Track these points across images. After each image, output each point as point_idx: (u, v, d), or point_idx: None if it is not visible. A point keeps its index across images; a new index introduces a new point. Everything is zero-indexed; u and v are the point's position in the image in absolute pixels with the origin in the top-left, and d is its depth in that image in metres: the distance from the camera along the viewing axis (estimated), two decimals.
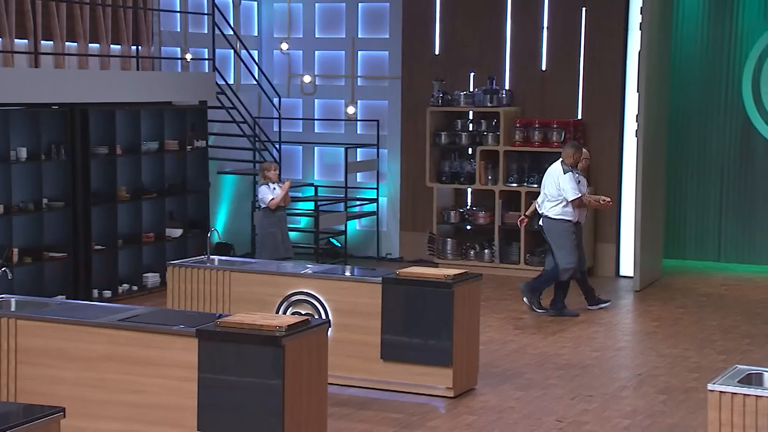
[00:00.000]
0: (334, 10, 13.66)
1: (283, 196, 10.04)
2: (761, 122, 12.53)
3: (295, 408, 5.84)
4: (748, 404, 5.03)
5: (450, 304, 7.45)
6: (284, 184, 10.19)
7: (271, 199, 9.95)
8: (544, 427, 6.96)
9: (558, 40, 12.42)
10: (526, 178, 12.27)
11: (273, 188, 10.05)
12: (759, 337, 9.40)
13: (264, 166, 10.22)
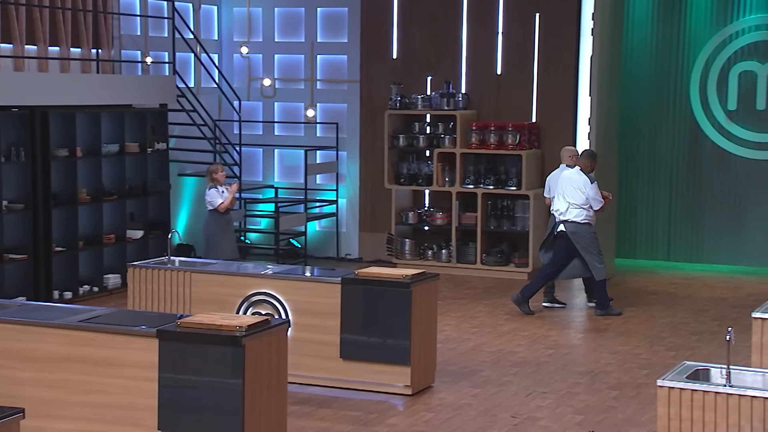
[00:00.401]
0: (293, 15, 13.63)
1: (231, 200, 10.04)
2: (708, 125, 12.70)
3: (256, 407, 5.82)
4: (695, 399, 5.10)
5: (408, 304, 7.46)
6: (231, 187, 10.18)
7: (221, 202, 9.93)
8: (500, 424, 6.99)
9: (512, 45, 12.49)
10: (482, 180, 12.33)
11: (222, 191, 10.04)
12: (706, 333, 9.51)
13: (211, 168, 10.16)
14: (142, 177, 11.69)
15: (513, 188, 12.14)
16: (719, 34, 12.58)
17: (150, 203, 11.83)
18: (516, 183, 12.13)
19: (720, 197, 12.67)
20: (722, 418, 5.05)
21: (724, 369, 5.21)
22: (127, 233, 11.45)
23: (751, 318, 6.53)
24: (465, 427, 6.92)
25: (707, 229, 12.78)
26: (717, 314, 10.30)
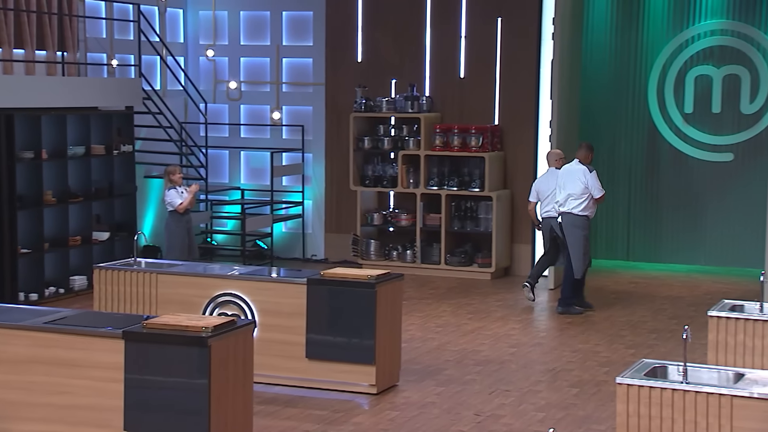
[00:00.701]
0: (258, 19, 13.59)
1: (191, 200, 10.01)
2: (666, 128, 12.82)
3: (222, 407, 5.80)
4: (653, 396, 5.14)
5: (373, 304, 7.47)
6: (191, 187, 10.16)
7: (180, 203, 9.91)
8: (464, 421, 7.01)
9: (475, 48, 12.54)
10: (446, 182, 12.36)
11: (181, 192, 10.03)
12: (664, 332, 9.60)
13: (169, 169, 10.14)
14: (108, 179, 11.61)
15: (476, 190, 12.19)
16: (676, 39, 12.71)
17: (116, 205, 11.75)
18: (479, 184, 12.18)
19: (677, 198, 12.80)
20: (679, 414, 5.10)
21: (681, 366, 5.27)
22: (93, 235, 11.36)
23: (707, 316, 6.61)
24: (429, 425, 6.93)
25: (665, 229, 12.90)
26: (674, 313, 10.40)
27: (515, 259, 12.49)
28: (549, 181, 10.55)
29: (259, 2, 13.55)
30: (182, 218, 10.03)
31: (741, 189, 12.51)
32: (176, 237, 10.00)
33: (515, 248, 12.48)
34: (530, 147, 12.36)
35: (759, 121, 12.38)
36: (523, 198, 12.39)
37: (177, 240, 10.01)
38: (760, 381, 5.21)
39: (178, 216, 10.00)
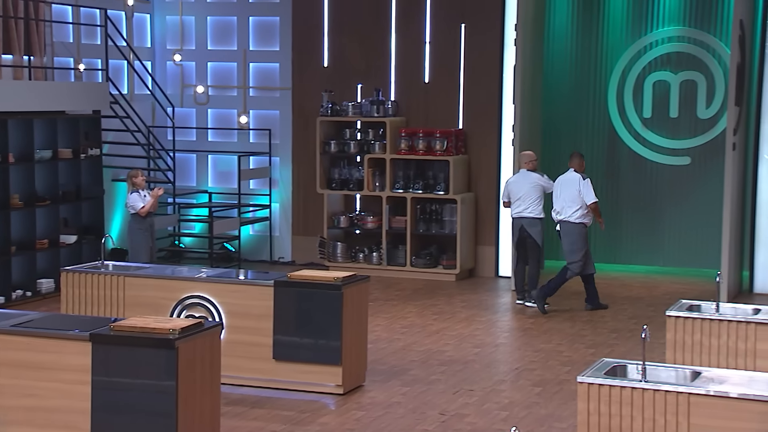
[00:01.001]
0: (225, 23, 13.54)
1: (153, 203, 10.00)
2: (625, 132, 12.93)
3: (189, 408, 5.77)
4: (613, 394, 5.19)
5: (339, 305, 7.46)
6: (154, 191, 10.15)
7: (142, 206, 9.91)
8: (428, 421, 7.03)
9: (439, 54, 12.58)
10: (411, 185, 12.39)
11: (144, 195, 10.02)
12: (624, 331, 9.68)
13: (132, 173, 10.15)
14: (76, 182, 11.51)
15: (441, 193, 12.22)
16: (635, 46, 12.83)
17: (83, 208, 11.66)
18: (444, 188, 12.22)
19: (636, 201, 12.91)
20: (638, 412, 5.15)
21: (640, 365, 5.31)
22: (61, 238, 11.26)
23: (665, 316, 6.67)
24: (394, 425, 6.94)
25: (625, 231, 13.00)
26: (634, 313, 10.49)
27: (479, 261, 12.54)
28: (520, 183, 10.62)
29: (226, 7, 13.50)
30: (144, 221, 10.01)
31: (698, 192, 12.65)
32: (139, 240, 9.98)
33: (479, 250, 12.53)
34: (494, 150, 12.42)
35: (715, 126, 12.52)
36: (487, 200, 12.46)
37: (140, 242, 9.99)
38: (717, 379, 5.27)
39: (141, 219, 9.99)
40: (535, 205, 10.51)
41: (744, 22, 11.02)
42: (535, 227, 10.50)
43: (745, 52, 11.20)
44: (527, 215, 10.53)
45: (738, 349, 6.42)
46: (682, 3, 12.60)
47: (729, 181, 10.82)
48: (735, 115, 10.89)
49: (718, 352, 6.47)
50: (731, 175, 10.83)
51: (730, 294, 10.92)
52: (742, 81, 11.11)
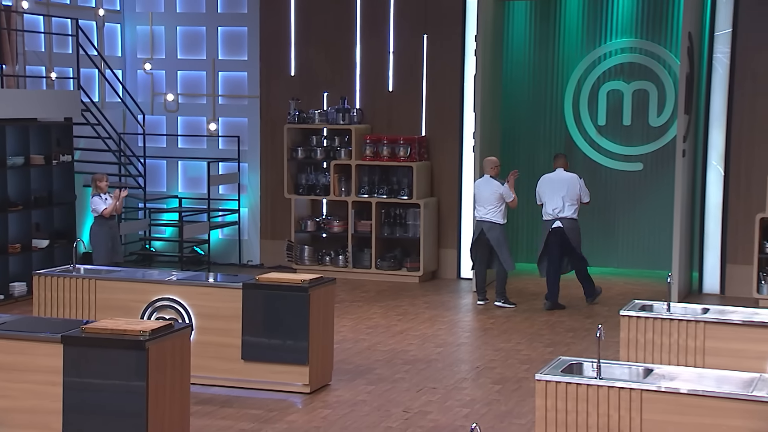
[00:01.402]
0: (195, 33, 13.47)
1: (116, 205, 10.08)
2: (581, 139, 13.03)
3: (159, 408, 5.73)
4: (569, 391, 5.22)
5: (306, 307, 7.45)
6: (116, 193, 10.22)
7: (104, 208, 9.99)
8: (393, 418, 7.03)
9: (403, 63, 12.60)
10: (376, 190, 12.39)
11: (105, 198, 10.10)
12: (580, 330, 9.75)
13: (96, 177, 10.24)
14: (48, 188, 11.40)
15: (405, 197, 12.24)
16: (589, 56, 12.93)
17: (55, 213, 11.54)
18: (407, 192, 12.24)
19: (592, 205, 12.95)
20: (593, 408, 5.19)
21: (595, 363, 5.35)
22: (33, 242, 11.14)
23: (619, 316, 6.73)
24: (360, 422, 6.94)
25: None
26: (590, 313, 10.56)
27: (442, 263, 12.57)
28: (482, 187, 10.69)
29: (195, 18, 13.43)
30: (106, 223, 10.09)
31: (650, 196, 12.77)
32: (100, 241, 10.04)
33: (442, 253, 12.56)
34: (455, 157, 12.46)
35: (666, 133, 12.66)
36: (449, 205, 12.50)
37: (101, 244, 10.05)
38: (668, 376, 5.33)
39: (103, 221, 10.06)
40: (495, 212, 10.56)
41: (692, 34, 11.16)
42: (494, 231, 10.57)
43: (694, 62, 11.34)
44: (488, 219, 10.60)
45: (688, 347, 6.50)
46: (634, 15, 12.73)
47: (679, 187, 10.94)
48: (685, 123, 11.02)
49: (669, 350, 6.53)
50: (681, 180, 10.95)
51: (681, 294, 11.04)
52: (691, 90, 11.25)
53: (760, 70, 11.25)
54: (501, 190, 10.58)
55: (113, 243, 10.19)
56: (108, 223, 10.11)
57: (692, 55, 11.22)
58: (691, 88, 11.27)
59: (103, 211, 10.02)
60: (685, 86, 10.94)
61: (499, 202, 10.59)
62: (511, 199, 10.62)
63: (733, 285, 11.34)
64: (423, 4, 12.44)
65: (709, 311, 6.72)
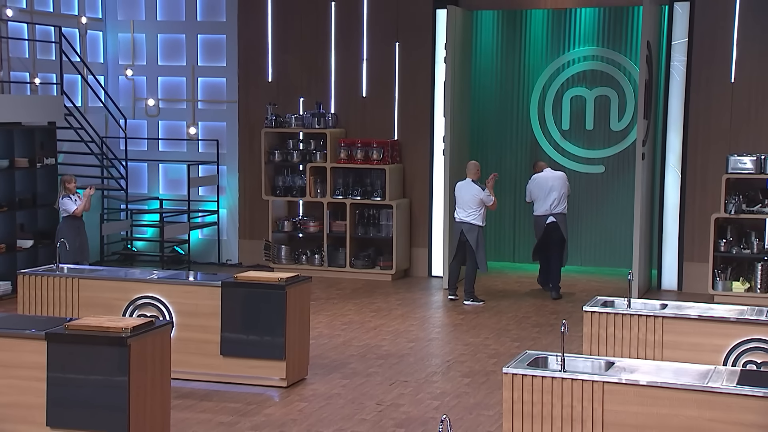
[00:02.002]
0: (175, 41, 13.40)
1: (86, 203, 10.11)
2: (546, 143, 13.09)
3: (140, 402, 5.69)
4: (535, 384, 5.25)
5: (283, 304, 7.43)
6: (86, 191, 10.20)
7: (75, 208, 10.01)
8: (367, 410, 7.03)
9: (376, 70, 12.61)
10: (350, 192, 12.38)
11: (74, 199, 10.09)
12: (546, 326, 9.79)
13: (65, 178, 10.21)
14: (32, 190, 11.29)
15: (378, 199, 12.24)
16: (554, 64, 13.00)
17: (39, 215, 11.43)
18: (381, 194, 12.24)
19: None
20: (558, 399, 5.22)
21: (560, 357, 5.38)
22: (18, 243, 11.04)
23: (582, 312, 6.77)
24: (335, 415, 6.93)
25: None
26: (555, 309, 10.61)
27: (414, 262, 12.59)
28: (462, 190, 10.64)
29: (175, 26, 13.36)
30: (74, 222, 10.08)
31: (611, 198, 12.86)
32: (67, 240, 9.86)
33: (414, 252, 12.58)
34: (426, 159, 12.48)
35: (626, 137, 12.75)
36: (420, 206, 12.51)
37: (74, 242, 9.96)
38: (628, 368, 5.37)
39: (71, 221, 10.05)
40: (475, 215, 10.55)
41: (651, 43, 11.25)
42: (473, 233, 10.57)
43: (652, 70, 11.44)
44: (467, 221, 10.58)
45: (647, 341, 6.55)
46: (596, 25, 12.81)
47: (639, 188, 11.03)
48: (644, 127, 11.11)
49: (629, 344, 6.58)
50: (641, 182, 11.04)
51: (640, 291, 11.13)
52: (649, 96, 11.34)
53: (713, 78, 11.37)
54: (481, 195, 10.54)
55: (80, 242, 10.15)
56: (76, 222, 10.09)
57: (651, 63, 11.32)
58: (650, 95, 11.36)
59: (75, 210, 10.01)
60: (644, 92, 11.02)
61: (479, 206, 10.57)
62: (491, 203, 10.62)
63: (690, 282, 11.44)
64: (395, 14, 12.45)
65: (667, 307, 6.77)
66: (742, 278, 10.84)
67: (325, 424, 6.74)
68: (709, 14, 11.32)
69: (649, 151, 11.53)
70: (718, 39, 11.31)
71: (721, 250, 10.83)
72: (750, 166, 10.67)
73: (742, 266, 10.94)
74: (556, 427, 5.20)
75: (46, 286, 7.89)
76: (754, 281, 10.70)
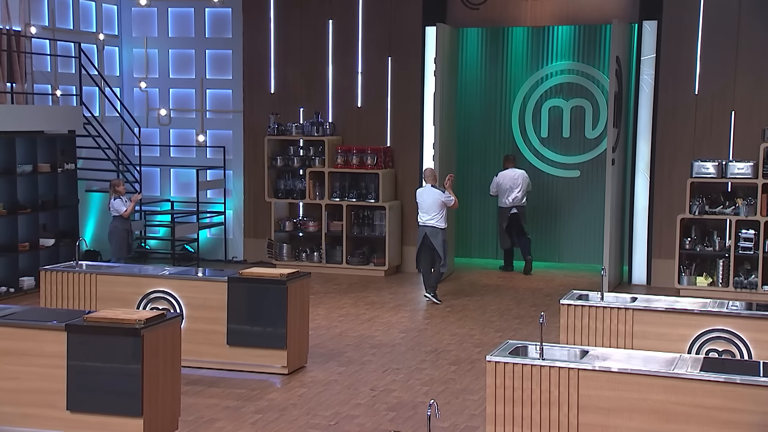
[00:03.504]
0: (185, 55, 13.38)
1: (133, 207, 10.39)
2: (526, 149, 13.10)
3: (153, 388, 5.68)
4: (516, 371, 5.25)
5: (284, 298, 7.42)
6: (134, 196, 10.52)
7: (125, 209, 10.18)
8: (361, 395, 7.03)
9: (370, 82, 12.60)
10: (346, 194, 12.38)
11: (125, 201, 10.29)
12: (526, 317, 9.80)
13: (114, 182, 10.46)
14: (53, 193, 11.27)
15: (372, 201, 12.24)
16: (533, 76, 13.01)
17: (60, 215, 11.41)
18: (375, 196, 12.24)
19: (537, 207, 13.08)
20: (537, 385, 5.22)
21: (538, 346, 5.39)
22: (40, 241, 11.01)
23: (560, 304, 6.78)
24: (332, 399, 6.92)
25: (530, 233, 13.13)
26: (534, 302, 10.62)
27: (405, 259, 12.58)
28: (424, 195, 10.40)
29: (185, 41, 13.34)
30: (125, 222, 10.27)
31: (586, 200, 12.88)
32: (119, 237, 10.22)
33: (405, 249, 12.57)
34: (416, 164, 12.48)
35: (600, 144, 12.76)
36: (411, 207, 12.48)
37: (120, 240, 10.20)
38: (601, 356, 5.38)
39: (121, 221, 10.21)
40: (438, 217, 10.28)
41: (620, 58, 11.27)
42: (436, 237, 10.28)
43: (622, 82, 11.46)
44: (431, 225, 10.31)
45: (619, 331, 6.56)
46: (571, 41, 12.83)
47: (609, 191, 11.05)
48: (614, 135, 11.13)
49: (602, 334, 6.59)
50: (611, 185, 11.06)
51: (612, 285, 11.15)
52: (619, 107, 11.36)
53: (679, 90, 11.39)
54: (442, 197, 10.27)
55: (129, 239, 10.37)
56: (126, 222, 10.29)
57: (620, 76, 11.33)
58: (620, 105, 11.38)
59: (124, 212, 10.15)
60: (613, 103, 11.04)
61: (441, 209, 10.28)
62: (452, 203, 10.30)
63: (658, 277, 11.47)
64: (387, 31, 12.45)
65: (637, 300, 6.79)
66: (706, 274, 10.86)
67: (324, 407, 6.73)
68: (675, 32, 11.35)
69: (620, 156, 11.55)
70: (683, 55, 11.34)
71: (686, 248, 10.85)
72: (712, 170, 10.70)
73: (706, 263, 10.97)
74: (535, 411, 5.21)
75: (66, 282, 7.87)
76: (716, 276, 10.73)
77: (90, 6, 12.88)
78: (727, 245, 10.76)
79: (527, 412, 5.22)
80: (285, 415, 6.57)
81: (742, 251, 10.59)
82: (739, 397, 4.88)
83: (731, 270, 10.60)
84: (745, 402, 4.87)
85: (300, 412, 6.62)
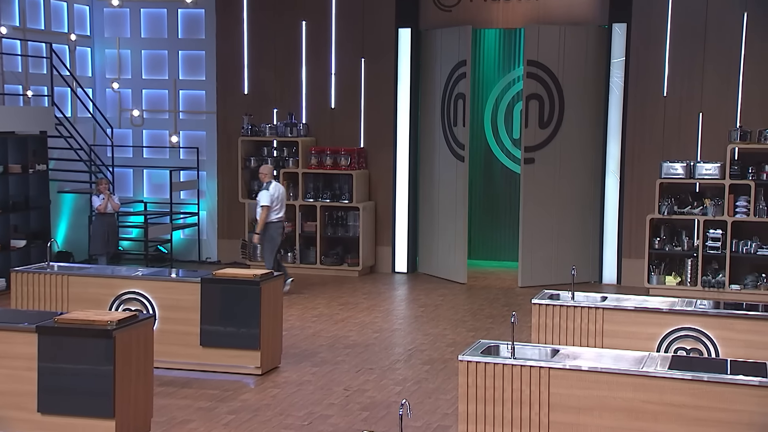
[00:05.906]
0: (158, 56, 13.27)
1: (106, 203, 10.75)
2: (498, 150, 13.16)
3: (125, 390, 5.63)
4: (488, 370, 5.27)
5: (258, 298, 7.39)
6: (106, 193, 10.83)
7: (98, 205, 10.62)
8: (335, 395, 7.01)
9: (344, 83, 12.59)
10: (320, 195, 12.35)
11: (101, 198, 10.69)
12: (498, 317, 9.83)
13: (97, 181, 10.93)
14: (25, 194, 11.13)
15: (346, 201, 12.22)
16: (504, 79, 13.07)
17: (32, 216, 11.27)
18: (348, 197, 12.22)
19: (509, 208, 13.14)
20: (508, 384, 5.24)
21: (510, 345, 5.41)
22: (11, 242, 10.88)
23: (531, 304, 6.81)
24: (306, 400, 6.90)
25: (500, 231, 13.21)
26: (507, 301, 10.66)
27: (378, 259, 12.58)
28: (281, 191, 10.56)
29: (158, 42, 13.24)
30: (103, 218, 10.69)
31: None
32: (96, 232, 10.69)
33: (378, 250, 12.57)
34: (390, 165, 12.48)
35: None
36: (384, 208, 12.51)
37: (97, 235, 10.65)
38: (572, 355, 5.40)
39: (100, 216, 10.71)
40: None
41: (540, 61, 11.32)
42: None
43: (550, 86, 11.52)
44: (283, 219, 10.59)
45: (589, 330, 6.60)
46: None
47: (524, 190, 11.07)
48: (535, 136, 11.15)
49: (573, 333, 6.63)
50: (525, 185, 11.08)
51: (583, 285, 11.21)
52: (552, 110, 11.41)
53: (648, 92, 11.50)
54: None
55: (109, 235, 10.69)
56: (103, 217, 10.67)
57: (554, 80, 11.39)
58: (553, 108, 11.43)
59: (97, 207, 10.67)
60: (526, 105, 11.06)
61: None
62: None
63: (628, 276, 11.56)
64: (361, 33, 12.45)
65: (607, 299, 6.83)
66: (674, 273, 10.97)
67: (297, 408, 6.71)
68: (644, 35, 11.45)
69: (590, 157, 11.62)
70: (651, 58, 11.44)
71: (655, 248, 10.95)
72: (681, 171, 10.81)
73: (674, 262, 11.08)
74: (507, 409, 5.22)
75: (37, 283, 7.78)
76: (685, 275, 10.84)
77: (62, 6, 12.74)
78: (695, 245, 10.87)
79: (499, 411, 5.23)
80: (258, 415, 6.54)
81: (710, 251, 10.71)
82: (707, 394, 4.93)
83: (699, 269, 10.71)
84: (713, 400, 4.92)
85: (273, 413, 6.60)
